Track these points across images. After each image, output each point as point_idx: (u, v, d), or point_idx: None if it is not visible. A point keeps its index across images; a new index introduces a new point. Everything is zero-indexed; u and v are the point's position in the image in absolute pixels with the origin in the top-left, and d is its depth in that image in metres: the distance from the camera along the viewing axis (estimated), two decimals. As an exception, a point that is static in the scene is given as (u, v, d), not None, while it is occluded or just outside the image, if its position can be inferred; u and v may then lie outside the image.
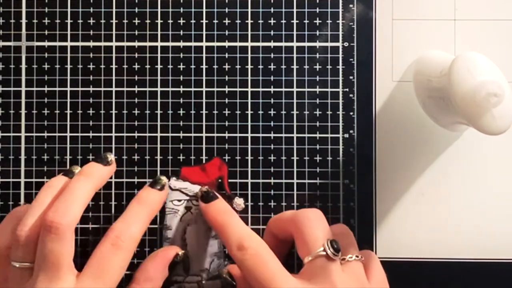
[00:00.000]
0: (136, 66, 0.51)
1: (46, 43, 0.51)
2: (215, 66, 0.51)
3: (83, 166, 0.46)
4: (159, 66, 0.51)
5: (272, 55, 0.50)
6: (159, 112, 0.50)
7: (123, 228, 0.43)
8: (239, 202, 0.50)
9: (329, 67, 0.50)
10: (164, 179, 0.47)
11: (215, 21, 0.51)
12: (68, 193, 0.44)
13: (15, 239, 0.43)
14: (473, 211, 0.50)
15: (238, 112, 0.50)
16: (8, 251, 0.45)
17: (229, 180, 0.50)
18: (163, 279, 0.47)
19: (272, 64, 0.50)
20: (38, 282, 0.41)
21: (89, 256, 0.49)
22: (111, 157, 0.47)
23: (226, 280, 0.46)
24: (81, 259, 0.50)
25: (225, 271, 0.46)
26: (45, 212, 0.43)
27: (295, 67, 0.50)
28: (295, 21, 0.51)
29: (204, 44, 0.51)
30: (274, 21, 0.51)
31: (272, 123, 0.50)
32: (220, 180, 0.50)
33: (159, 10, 0.51)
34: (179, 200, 0.50)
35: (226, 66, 0.50)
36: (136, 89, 0.51)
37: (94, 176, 0.45)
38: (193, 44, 0.51)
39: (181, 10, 0.51)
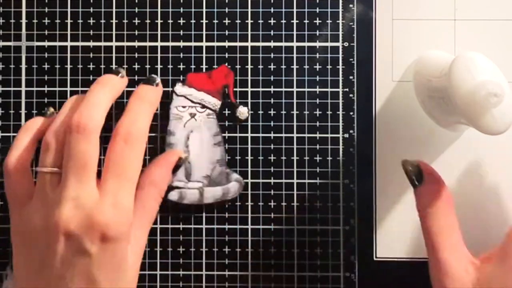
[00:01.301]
0: (136, 66, 0.51)
1: (46, 43, 0.51)
2: (215, 66, 0.51)
3: (99, 77, 0.47)
4: (159, 66, 0.51)
5: (272, 55, 0.50)
6: (159, 112, 0.50)
7: (131, 123, 0.44)
8: (242, 111, 0.50)
9: (329, 67, 0.50)
10: (156, 77, 0.48)
11: (215, 21, 0.51)
12: (90, 98, 0.44)
13: (45, 145, 0.44)
14: (473, 211, 0.50)
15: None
16: (29, 163, 0.46)
17: (229, 180, 0.50)
18: (167, 184, 0.47)
19: (272, 64, 0.50)
20: (68, 184, 0.41)
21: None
22: (123, 72, 0.48)
23: (412, 171, 0.43)
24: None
25: (414, 164, 0.43)
26: (69, 117, 0.44)
27: (295, 67, 0.50)
28: (295, 21, 0.51)
29: (204, 44, 0.51)
30: (274, 21, 0.51)
31: (272, 123, 0.50)
32: (226, 89, 0.50)
33: (159, 10, 0.51)
34: (184, 106, 0.50)
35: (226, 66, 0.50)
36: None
37: (110, 84, 0.46)
38: (193, 44, 0.51)
39: (181, 10, 0.51)
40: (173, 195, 0.49)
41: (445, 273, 0.41)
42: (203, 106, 0.49)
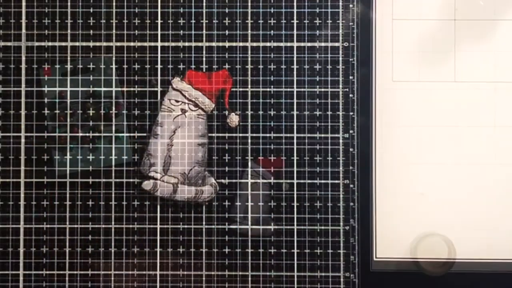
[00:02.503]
0: (136, 66, 0.51)
1: (46, 43, 0.51)
2: (215, 66, 0.51)
3: None
4: (159, 66, 0.51)
5: (272, 55, 0.50)
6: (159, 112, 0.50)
7: None
8: (234, 118, 0.50)
9: (329, 67, 0.50)
10: None
11: (215, 21, 0.51)
12: None
13: None
14: (473, 211, 0.50)
15: (238, 112, 0.50)
16: None
17: (229, 181, 0.50)
18: None
19: (272, 64, 0.50)
20: None
21: (90, 256, 0.49)
22: None
23: None
24: (81, 259, 0.50)
25: None
26: None
27: (295, 67, 0.50)
28: (295, 21, 0.51)
29: (204, 44, 0.51)
30: (274, 21, 0.51)
31: (272, 123, 0.50)
32: (222, 93, 0.50)
33: (159, 10, 0.51)
34: (177, 101, 0.50)
35: (227, 66, 0.50)
36: (136, 89, 0.51)
37: None
38: (193, 44, 0.51)
39: (181, 10, 0.51)
40: (148, 185, 0.49)
41: None
42: (196, 105, 0.49)
